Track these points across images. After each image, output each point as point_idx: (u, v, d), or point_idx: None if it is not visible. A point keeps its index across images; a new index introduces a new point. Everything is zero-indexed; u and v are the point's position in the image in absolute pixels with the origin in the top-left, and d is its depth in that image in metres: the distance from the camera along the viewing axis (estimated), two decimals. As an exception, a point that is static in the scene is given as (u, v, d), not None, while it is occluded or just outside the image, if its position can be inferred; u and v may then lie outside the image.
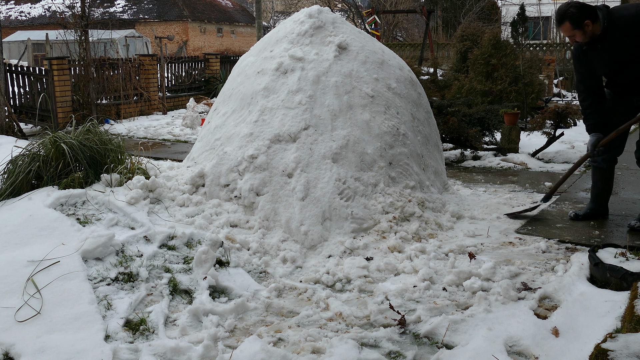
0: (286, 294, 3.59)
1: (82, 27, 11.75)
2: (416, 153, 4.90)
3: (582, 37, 4.36)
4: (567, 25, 4.34)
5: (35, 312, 3.03)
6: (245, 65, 5.30)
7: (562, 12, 4.35)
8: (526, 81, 8.92)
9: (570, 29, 4.34)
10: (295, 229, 4.23)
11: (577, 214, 4.90)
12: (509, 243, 4.39)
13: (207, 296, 3.40)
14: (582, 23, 4.29)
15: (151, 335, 3.04)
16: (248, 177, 4.52)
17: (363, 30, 6.63)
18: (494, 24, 24.06)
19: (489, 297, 3.43)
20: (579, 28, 4.32)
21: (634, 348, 2.34)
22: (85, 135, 4.86)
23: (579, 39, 4.38)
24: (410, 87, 5.23)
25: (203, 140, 5.23)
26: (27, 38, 24.40)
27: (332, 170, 4.44)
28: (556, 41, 22.71)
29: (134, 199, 4.37)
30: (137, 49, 24.48)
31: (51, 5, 32.07)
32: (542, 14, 27.84)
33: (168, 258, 3.78)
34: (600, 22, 4.29)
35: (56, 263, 3.41)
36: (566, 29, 4.36)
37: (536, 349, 2.87)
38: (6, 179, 4.60)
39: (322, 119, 4.63)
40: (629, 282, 3.38)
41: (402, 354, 2.93)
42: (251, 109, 4.86)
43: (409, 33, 29.64)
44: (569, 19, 4.31)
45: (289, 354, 2.84)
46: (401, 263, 3.94)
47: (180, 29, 32.46)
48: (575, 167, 4.92)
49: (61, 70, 11.09)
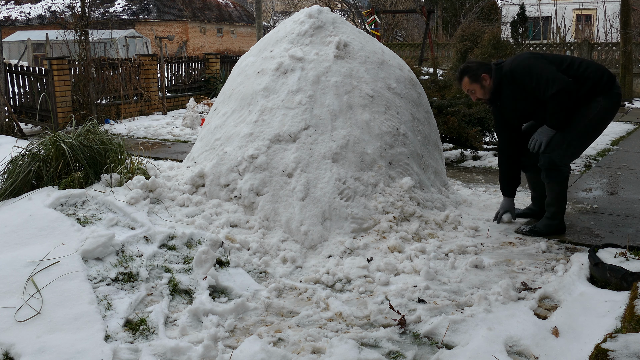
0: (286, 294, 3.59)
1: (82, 27, 11.75)
2: (416, 153, 4.90)
3: (481, 93, 4.53)
4: (465, 80, 4.53)
5: (35, 312, 3.03)
6: (245, 65, 5.30)
7: (461, 68, 4.58)
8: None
9: (468, 83, 4.52)
10: (295, 229, 4.23)
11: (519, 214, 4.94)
12: (509, 243, 4.39)
13: (207, 296, 3.40)
14: (480, 77, 4.47)
15: (151, 335, 3.04)
16: (248, 177, 4.52)
17: (363, 30, 6.63)
18: (494, 24, 24.05)
19: (489, 297, 3.43)
20: (476, 82, 4.49)
21: (634, 348, 2.34)
22: (85, 135, 4.86)
23: (479, 94, 4.55)
24: (410, 87, 5.23)
25: (203, 140, 5.23)
26: (27, 38, 24.40)
27: (332, 170, 4.44)
28: (556, 41, 22.71)
29: (134, 199, 4.37)
30: (137, 49, 24.48)
31: (51, 5, 32.06)
32: (542, 14, 27.84)
33: (168, 258, 3.78)
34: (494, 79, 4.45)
35: (56, 263, 3.41)
36: (465, 83, 4.54)
37: (536, 349, 2.87)
38: (6, 179, 4.60)
39: (322, 119, 4.63)
40: (629, 282, 3.38)
41: (402, 354, 2.93)
42: (251, 109, 4.86)
43: (409, 33, 29.64)
44: (467, 73, 4.51)
45: (289, 354, 2.84)
46: (401, 263, 3.94)
47: (180, 29, 32.45)
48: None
49: (61, 70, 11.09)
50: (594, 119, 4.35)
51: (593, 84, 4.30)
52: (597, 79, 4.31)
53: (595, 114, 4.33)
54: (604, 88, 4.32)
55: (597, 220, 4.88)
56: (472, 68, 4.51)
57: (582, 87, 4.29)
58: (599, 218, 4.96)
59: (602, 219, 4.92)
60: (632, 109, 14.24)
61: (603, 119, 4.41)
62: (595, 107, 4.32)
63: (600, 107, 4.32)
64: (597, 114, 4.34)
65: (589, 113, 4.32)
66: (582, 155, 7.71)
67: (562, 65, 4.35)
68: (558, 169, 4.40)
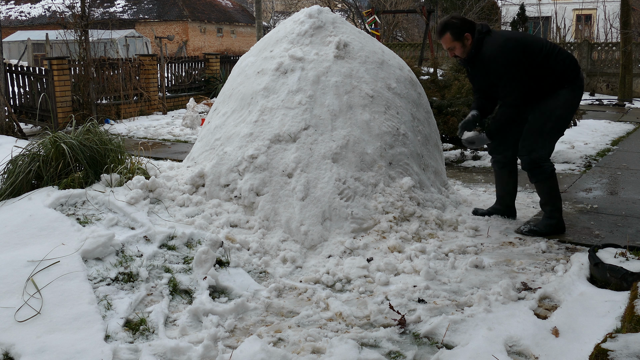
0: (286, 294, 3.59)
1: (82, 27, 11.75)
2: (416, 153, 4.90)
3: (461, 51, 4.41)
4: (447, 36, 4.37)
5: (35, 312, 3.03)
6: (245, 65, 5.30)
7: (443, 23, 4.40)
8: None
9: (450, 40, 4.38)
10: (295, 229, 4.23)
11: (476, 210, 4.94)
12: (509, 243, 4.39)
13: (207, 296, 3.40)
14: (462, 35, 4.35)
15: (151, 335, 3.04)
16: (248, 177, 4.52)
17: (363, 30, 6.63)
18: (494, 24, 24.05)
19: (489, 297, 3.43)
20: (458, 40, 4.36)
21: (634, 348, 2.34)
22: (85, 135, 4.86)
23: (458, 52, 4.42)
24: (410, 87, 5.23)
25: (203, 140, 5.23)
26: (27, 38, 24.41)
27: (332, 170, 4.44)
28: (556, 41, 22.70)
29: (134, 199, 4.37)
30: (137, 49, 24.48)
31: (51, 5, 32.06)
32: (542, 14, 27.83)
33: (168, 258, 3.78)
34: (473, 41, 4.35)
35: (56, 263, 3.41)
36: (447, 39, 4.39)
37: (536, 349, 2.87)
38: (6, 179, 4.60)
39: (322, 119, 4.63)
40: (629, 282, 3.38)
41: (402, 354, 2.93)
42: (251, 109, 4.86)
43: (409, 33, 29.63)
44: (450, 29, 4.35)
45: (289, 354, 2.84)
46: (401, 263, 3.94)
47: (180, 29, 32.45)
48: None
49: (61, 70, 11.09)
50: (564, 110, 4.37)
51: (562, 73, 4.32)
52: (566, 68, 4.33)
53: (564, 104, 4.34)
54: (570, 78, 4.34)
55: (597, 220, 4.88)
56: (456, 25, 4.34)
57: (549, 76, 4.30)
58: (599, 218, 4.96)
59: (602, 219, 4.92)
60: (632, 109, 14.24)
61: (571, 109, 4.44)
62: (564, 98, 4.33)
63: (568, 98, 4.35)
64: (565, 105, 4.36)
65: (558, 105, 4.33)
66: (582, 155, 7.72)
67: (539, 55, 4.30)
68: (540, 166, 4.42)
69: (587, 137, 9.17)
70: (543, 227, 4.48)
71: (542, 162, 4.42)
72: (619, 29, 17.01)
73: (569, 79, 4.34)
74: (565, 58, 4.37)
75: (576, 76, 4.38)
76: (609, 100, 16.08)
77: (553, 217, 4.50)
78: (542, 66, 4.30)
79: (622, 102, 15.41)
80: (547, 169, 4.43)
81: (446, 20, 4.40)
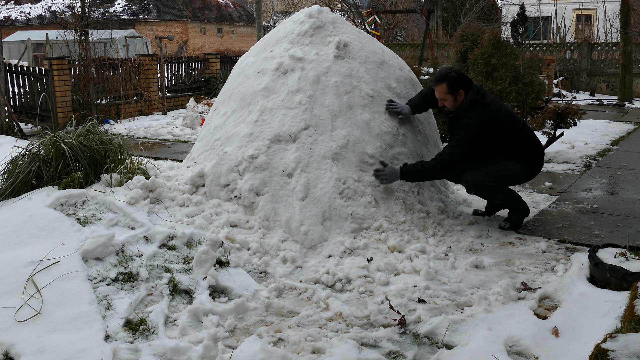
0: (286, 294, 3.59)
1: (82, 27, 11.74)
2: (416, 153, 4.90)
3: (451, 105, 4.52)
4: (443, 87, 4.46)
5: (35, 312, 3.03)
6: (245, 65, 5.29)
7: (443, 73, 4.49)
8: (526, 81, 8.91)
9: (444, 91, 4.47)
10: (295, 229, 4.23)
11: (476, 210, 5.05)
12: (509, 243, 4.39)
13: (207, 296, 3.40)
14: (457, 91, 4.45)
15: (151, 335, 3.04)
16: (248, 177, 4.52)
17: (363, 30, 6.63)
18: (494, 24, 24.05)
19: (489, 297, 3.43)
20: (452, 94, 4.46)
21: (634, 348, 2.34)
22: (85, 135, 4.85)
23: (448, 105, 4.53)
24: (410, 87, 5.23)
25: (203, 140, 5.23)
26: (27, 38, 24.42)
27: (332, 170, 4.44)
28: (556, 41, 22.72)
29: (134, 199, 4.36)
30: (137, 49, 24.48)
31: (51, 5, 32.06)
32: (542, 14, 27.85)
33: (168, 258, 3.78)
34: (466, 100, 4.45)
35: (56, 263, 3.41)
36: (441, 90, 4.48)
37: (536, 349, 2.87)
38: (6, 179, 4.60)
39: (322, 119, 4.63)
40: (629, 282, 3.38)
41: (402, 354, 2.93)
42: (251, 109, 4.86)
43: (409, 33, 29.62)
44: (448, 81, 4.44)
45: (289, 354, 2.84)
46: (401, 263, 3.94)
47: (180, 29, 32.46)
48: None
49: (61, 70, 11.08)
50: (514, 171, 4.63)
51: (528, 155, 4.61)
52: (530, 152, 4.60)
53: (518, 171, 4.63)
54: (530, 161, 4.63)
55: (597, 220, 4.88)
56: (454, 79, 4.42)
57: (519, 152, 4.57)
58: (599, 218, 4.96)
59: (602, 219, 4.92)
60: (632, 109, 14.24)
61: (520, 176, 4.73)
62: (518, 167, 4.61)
63: (525, 170, 4.65)
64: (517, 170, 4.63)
65: (515, 167, 4.59)
66: (582, 155, 7.72)
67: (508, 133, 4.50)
68: (481, 184, 4.55)
69: (587, 137, 9.17)
70: (516, 217, 4.68)
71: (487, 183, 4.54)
72: (619, 29, 17.02)
73: (529, 161, 4.64)
74: (532, 144, 4.63)
75: (536, 161, 4.67)
76: (609, 100, 16.08)
77: (517, 207, 4.69)
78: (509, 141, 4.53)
79: (622, 102, 15.42)
80: (492, 185, 4.54)
81: (446, 72, 4.48)
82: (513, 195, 4.67)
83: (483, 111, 4.40)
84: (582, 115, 7.56)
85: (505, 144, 4.55)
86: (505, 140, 4.53)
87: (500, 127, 4.46)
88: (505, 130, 4.49)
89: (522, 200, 4.72)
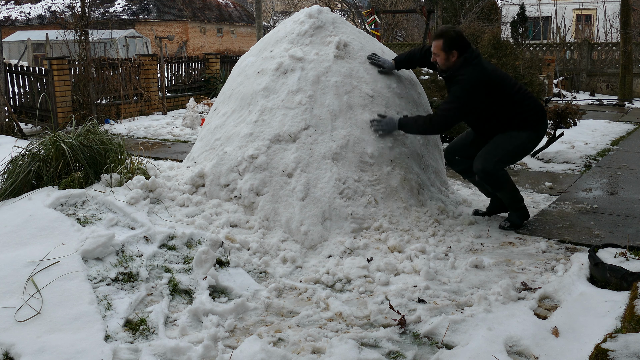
0: (286, 294, 3.59)
1: (82, 27, 11.74)
2: (416, 153, 4.90)
3: (442, 62, 4.52)
4: (439, 43, 4.46)
5: (35, 312, 3.03)
6: (245, 65, 5.29)
7: (443, 30, 4.53)
8: (526, 81, 8.92)
9: (439, 47, 4.47)
10: (295, 229, 4.23)
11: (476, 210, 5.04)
12: (509, 243, 4.39)
13: (207, 296, 3.40)
14: (451, 50, 4.44)
15: (151, 335, 3.04)
16: (248, 177, 4.52)
17: (363, 30, 6.62)
18: (494, 24, 24.01)
19: (489, 297, 3.43)
20: (445, 51, 4.45)
21: (634, 348, 2.34)
22: (85, 135, 4.85)
23: (440, 61, 4.53)
24: (410, 87, 5.23)
25: (203, 140, 5.23)
26: (27, 38, 24.40)
27: (332, 170, 4.44)
28: (556, 41, 22.71)
29: (134, 199, 4.36)
30: (137, 49, 24.47)
31: (51, 5, 32.05)
32: (542, 14, 27.84)
33: (168, 258, 3.78)
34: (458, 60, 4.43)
35: (56, 263, 3.41)
36: (437, 45, 4.48)
37: (536, 349, 2.87)
38: (6, 179, 4.59)
39: (322, 119, 4.63)
40: (629, 282, 3.38)
41: (402, 354, 2.93)
42: (251, 109, 4.86)
43: (409, 33, 29.60)
44: (445, 38, 4.44)
45: (289, 354, 2.84)
46: (401, 263, 3.94)
47: (180, 29, 32.44)
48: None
49: (61, 70, 11.08)
50: (521, 146, 4.61)
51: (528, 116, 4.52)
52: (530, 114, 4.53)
53: (522, 142, 4.58)
54: (532, 124, 4.55)
55: (597, 220, 4.88)
56: (451, 37, 4.41)
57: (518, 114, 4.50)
58: (599, 218, 4.96)
59: (602, 219, 4.92)
60: (632, 109, 14.24)
61: (528, 148, 4.71)
62: (524, 137, 4.56)
63: (528, 138, 4.59)
64: (524, 143, 4.61)
65: (517, 139, 4.55)
66: (582, 155, 7.72)
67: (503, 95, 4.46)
68: (492, 173, 4.55)
69: (587, 137, 9.17)
70: (516, 218, 4.69)
71: (495, 171, 4.55)
72: (619, 29, 17.01)
73: (532, 124, 4.56)
74: (532, 104, 4.56)
75: (538, 123, 4.60)
76: (609, 100, 16.08)
77: (518, 208, 4.70)
78: (507, 102, 4.48)
79: (622, 102, 15.42)
80: (499, 174, 4.56)
81: (446, 29, 4.51)
82: (516, 194, 4.67)
83: (477, 68, 4.40)
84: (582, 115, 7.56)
85: (505, 106, 4.47)
86: (504, 101, 4.46)
87: (495, 85, 4.42)
88: (501, 89, 4.44)
89: (523, 202, 4.72)
